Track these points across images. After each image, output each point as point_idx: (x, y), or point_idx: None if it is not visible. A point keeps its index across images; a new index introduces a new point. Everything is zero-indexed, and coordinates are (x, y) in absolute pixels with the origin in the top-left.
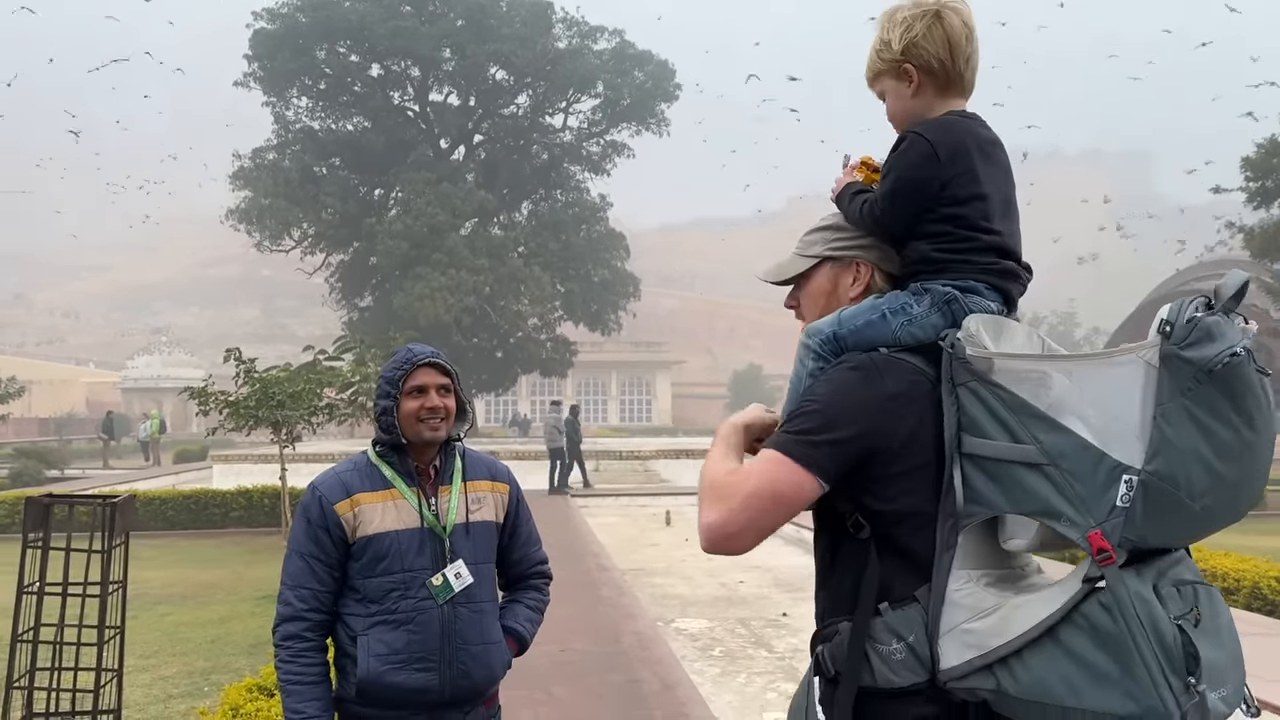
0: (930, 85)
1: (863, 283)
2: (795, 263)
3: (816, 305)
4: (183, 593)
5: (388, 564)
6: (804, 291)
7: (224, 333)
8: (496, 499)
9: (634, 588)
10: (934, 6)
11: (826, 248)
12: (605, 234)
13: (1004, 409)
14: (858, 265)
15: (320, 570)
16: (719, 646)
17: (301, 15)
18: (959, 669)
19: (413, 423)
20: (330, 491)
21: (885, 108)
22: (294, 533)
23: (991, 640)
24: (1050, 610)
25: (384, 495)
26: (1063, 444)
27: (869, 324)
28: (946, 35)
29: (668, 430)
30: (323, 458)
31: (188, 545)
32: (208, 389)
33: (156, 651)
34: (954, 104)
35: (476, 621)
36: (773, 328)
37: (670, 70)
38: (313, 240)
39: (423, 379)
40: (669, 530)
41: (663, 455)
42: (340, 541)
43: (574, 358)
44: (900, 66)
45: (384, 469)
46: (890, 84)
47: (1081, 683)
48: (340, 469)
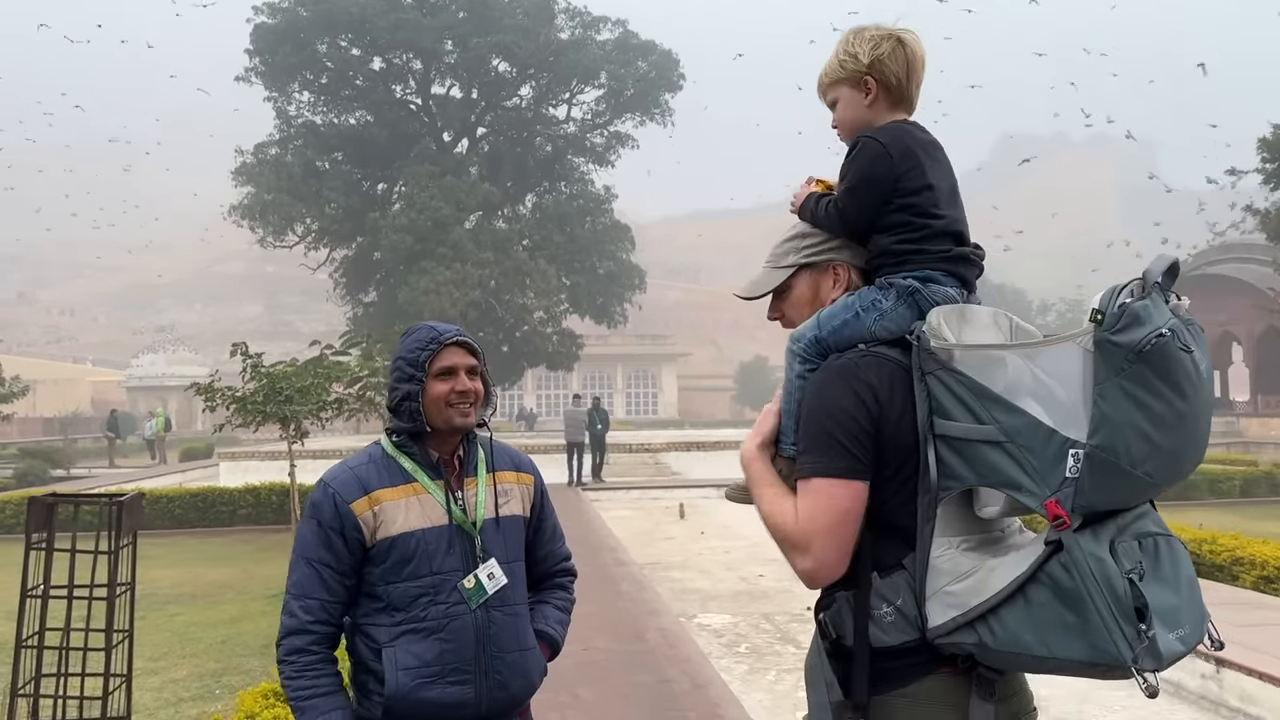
0: (884, 99)
1: (843, 284)
2: (771, 275)
3: (802, 313)
4: (192, 592)
5: (414, 567)
6: (787, 302)
7: (228, 330)
8: (523, 491)
9: (653, 582)
10: (895, 32)
11: (800, 256)
12: (610, 226)
13: (967, 393)
14: (834, 268)
15: (331, 579)
16: (745, 643)
17: (302, 9)
18: (944, 626)
19: (441, 408)
20: (345, 489)
21: (835, 114)
22: (301, 535)
23: (971, 600)
24: (1018, 571)
25: (406, 490)
26: (1018, 423)
27: (846, 323)
28: (907, 59)
29: (674, 423)
30: (330, 454)
31: (196, 544)
32: (214, 385)
33: (166, 653)
34: (900, 117)
35: (511, 626)
36: None
37: (674, 60)
38: (316, 235)
39: (452, 359)
40: (683, 523)
41: (673, 448)
42: (357, 545)
43: (580, 351)
44: (862, 78)
45: (403, 461)
46: (847, 92)
47: (1049, 634)
48: (354, 463)
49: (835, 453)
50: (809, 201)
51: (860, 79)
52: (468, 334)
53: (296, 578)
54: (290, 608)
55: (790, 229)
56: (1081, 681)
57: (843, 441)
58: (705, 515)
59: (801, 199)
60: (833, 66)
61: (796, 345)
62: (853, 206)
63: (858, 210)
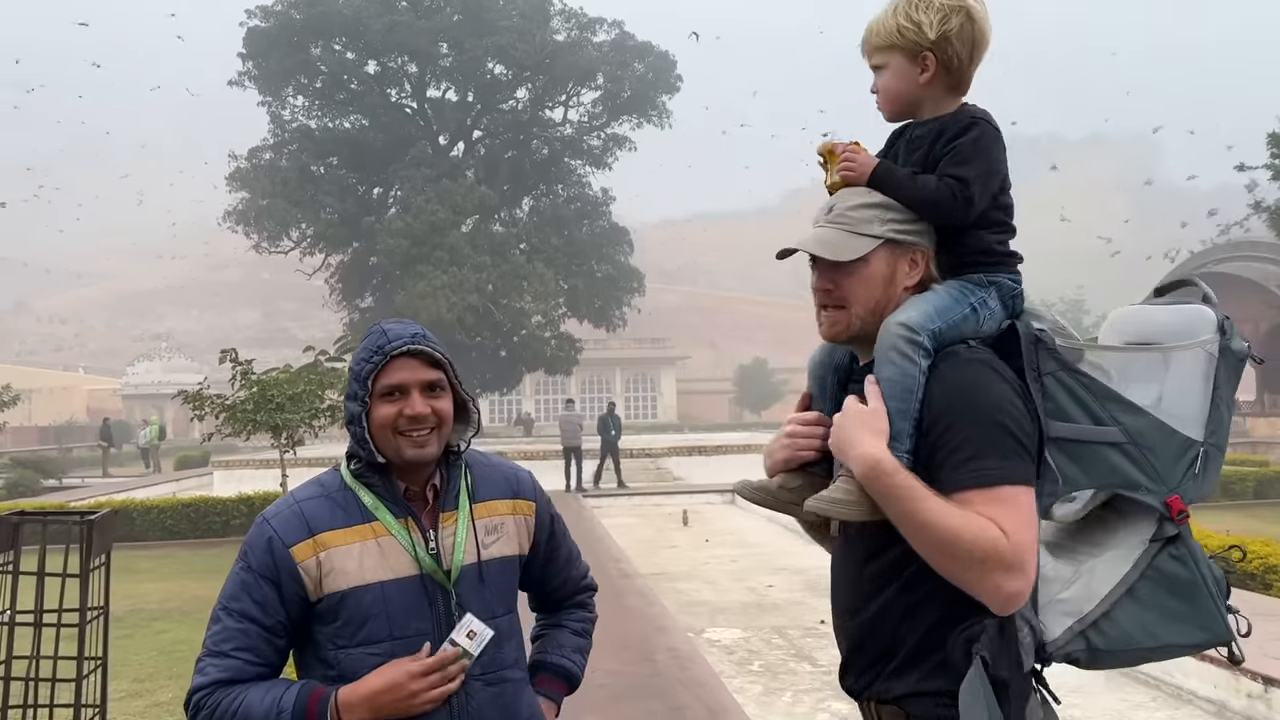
0: (941, 80)
1: (920, 272)
2: (850, 240)
3: (871, 293)
4: (181, 607)
5: (371, 629)
6: (856, 276)
7: (224, 337)
8: (520, 524)
9: (659, 594)
10: (965, 4)
11: (886, 228)
12: (608, 228)
13: (1087, 394)
14: (915, 253)
15: (257, 638)
16: (757, 660)
17: (295, 12)
18: (1063, 638)
19: (388, 436)
20: (285, 528)
21: (878, 80)
22: (228, 580)
23: (1084, 605)
24: (1123, 570)
25: (363, 532)
26: (1141, 424)
27: (964, 318)
28: (974, 38)
29: (673, 426)
30: (326, 461)
31: (187, 555)
32: (202, 393)
33: (151, 674)
34: (956, 100)
35: (498, 700)
36: (776, 321)
37: (671, 61)
38: (312, 241)
39: (399, 375)
40: (687, 531)
41: (675, 452)
42: (297, 599)
43: (579, 355)
44: (922, 52)
45: (362, 494)
46: (899, 62)
47: (1157, 626)
48: (303, 494)
49: (1020, 456)
50: (893, 171)
51: (919, 53)
52: (428, 339)
53: (215, 630)
54: (203, 665)
55: (857, 194)
56: (1120, 703)
57: (1024, 444)
58: (709, 522)
59: (867, 165)
60: (887, 29)
61: (919, 336)
62: (981, 194)
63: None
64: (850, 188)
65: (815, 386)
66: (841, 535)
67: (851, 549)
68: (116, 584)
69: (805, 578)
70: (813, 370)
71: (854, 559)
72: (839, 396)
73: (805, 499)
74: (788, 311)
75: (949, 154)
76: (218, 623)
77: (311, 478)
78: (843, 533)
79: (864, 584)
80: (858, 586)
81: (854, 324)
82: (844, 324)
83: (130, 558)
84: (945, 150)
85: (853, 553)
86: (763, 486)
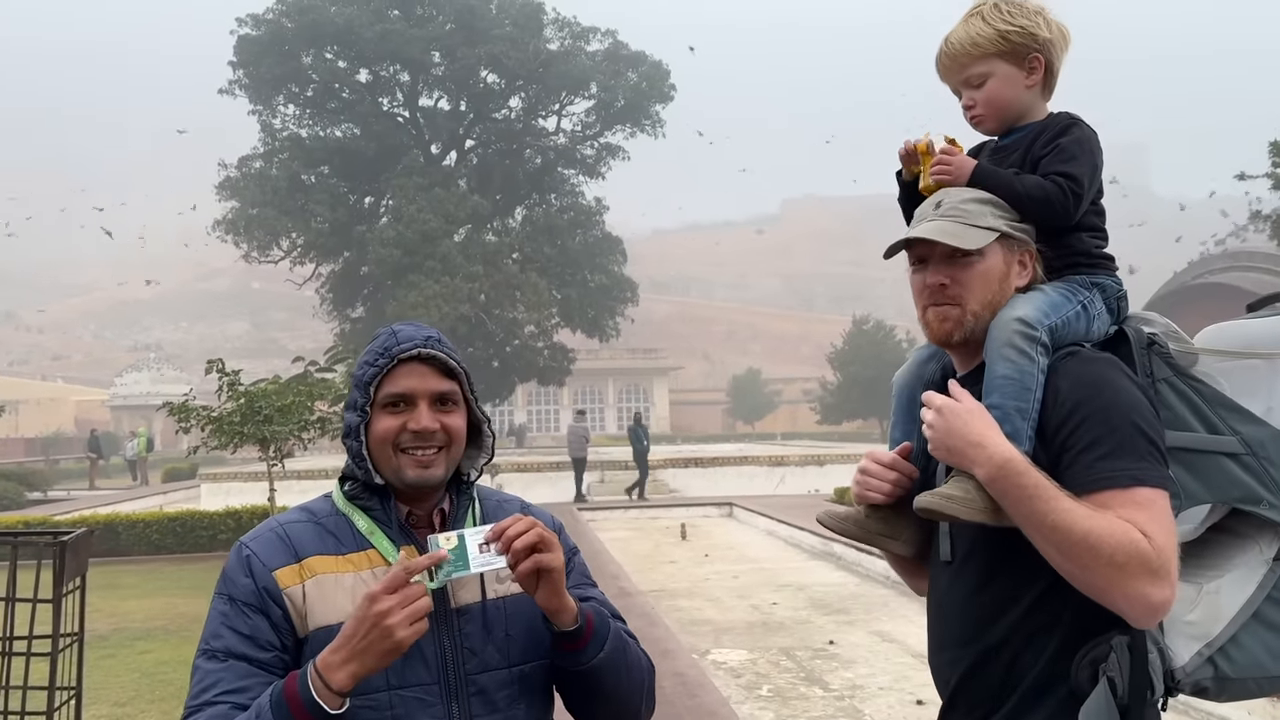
0: (1043, 85)
1: (1029, 274)
2: (969, 232)
3: (988, 288)
4: (165, 626)
5: (366, 678)
6: (972, 271)
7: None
8: None
9: (660, 613)
10: (1040, 5)
11: (1003, 223)
12: (601, 238)
13: (1203, 402)
14: (1026, 253)
15: (248, 676)
16: (766, 684)
17: (287, 20)
18: (1192, 663)
19: (389, 454)
20: (266, 551)
21: (977, 93)
22: (208, 620)
23: (1212, 628)
24: (1250, 592)
25: (356, 561)
26: (1261, 434)
27: (1076, 316)
28: (1065, 43)
29: (666, 437)
30: (316, 474)
31: (173, 571)
32: (188, 404)
33: (134, 698)
34: (1046, 105)
35: None
36: (770, 332)
37: (665, 71)
38: (302, 250)
39: (407, 382)
40: (686, 545)
41: (671, 464)
42: (286, 629)
43: (571, 365)
44: (1030, 54)
45: (356, 519)
46: (1006, 69)
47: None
48: (286, 518)
49: (1156, 460)
50: (995, 170)
51: (1027, 55)
52: (442, 344)
53: (195, 680)
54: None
55: (965, 190)
56: None
57: (1159, 448)
58: (707, 536)
59: (965, 166)
60: (987, 36)
61: (1037, 331)
62: (1088, 192)
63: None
64: (954, 188)
65: (902, 406)
66: (942, 562)
67: (960, 575)
68: (99, 601)
69: (809, 595)
70: (900, 389)
71: (963, 586)
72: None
73: (897, 530)
74: (781, 322)
75: (1052, 152)
76: (199, 669)
77: (299, 504)
78: (944, 559)
79: (977, 611)
80: (968, 615)
81: (967, 322)
82: (956, 322)
83: (114, 573)
84: (1047, 149)
85: (962, 579)
86: (849, 517)
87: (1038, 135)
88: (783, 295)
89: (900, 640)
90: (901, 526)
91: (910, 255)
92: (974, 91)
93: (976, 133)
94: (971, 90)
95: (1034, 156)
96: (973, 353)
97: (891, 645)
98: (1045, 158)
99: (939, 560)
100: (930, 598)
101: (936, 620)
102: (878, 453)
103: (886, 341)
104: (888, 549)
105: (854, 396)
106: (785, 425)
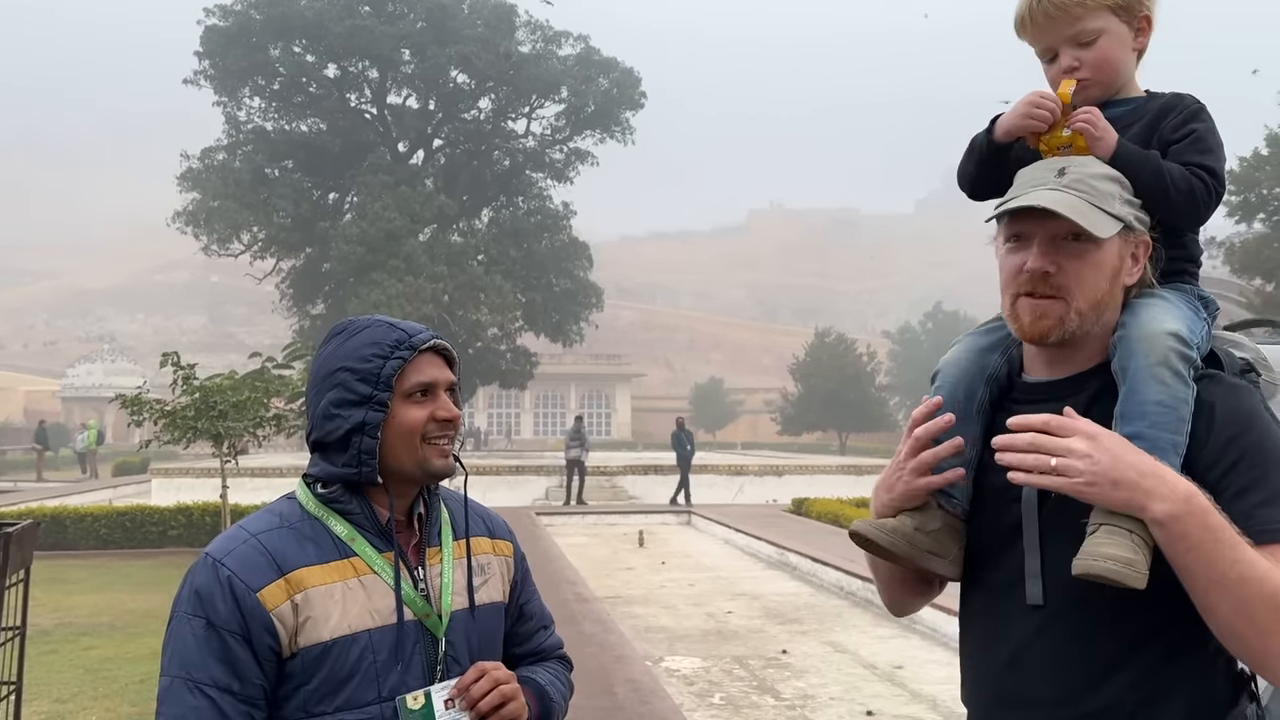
0: (1144, 49)
1: (1139, 271)
2: (1101, 218)
3: (1097, 285)
4: (111, 622)
5: (357, 690)
6: (1087, 259)
7: (170, 340)
8: (502, 566)
9: (615, 620)
10: None
11: (1130, 212)
12: (568, 243)
13: None
14: (1138, 247)
15: (234, 712)
16: (718, 692)
17: (255, 12)
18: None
19: (414, 446)
20: (247, 568)
21: (1085, 52)
22: (178, 643)
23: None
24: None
25: (341, 569)
26: None
27: (1205, 338)
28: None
29: (627, 444)
30: (269, 471)
31: (122, 566)
32: (141, 397)
33: (76, 694)
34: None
35: None
36: (732, 341)
37: (636, 78)
38: (263, 244)
39: (430, 372)
40: (643, 552)
41: (630, 471)
42: (270, 659)
43: (534, 369)
44: (1141, 14)
45: (334, 524)
46: (1117, 26)
47: None
48: (256, 526)
49: None
50: (1139, 150)
51: (1139, 15)
52: (443, 336)
53: (172, 713)
54: None
55: (1093, 162)
56: None
57: None
58: (665, 543)
59: (1111, 134)
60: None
61: (1192, 353)
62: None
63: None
64: (1081, 155)
65: (958, 397)
66: (1028, 606)
67: (1055, 623)
68: (44, 595)
69: (764, 604)
70: (956, 376)
71: (1059, 636)
72: (991, 418)
73: (946, 548)
74: (744, 332)
75: (1188, 139)
76: (178, 702)
77: (262, 509)
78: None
79: (1082, 668)
80: (1068, 672)
81: (1070, 320)
82: (1057, 318)
83: (60, 568)
84: (1181, 135)
85: (1057, 628)
86: (897, 530)
87: (1161, 115)
88: (747, 305)
89: (852, 651)
90: (949, 543)
91: (1005, 228)
92: (1081, 51)
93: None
94: (1078, 49)
95: (1163, 140)
96: (1066, 358)
97: (844, 656)
98: (1179, 144)
99: (1018, 603)
100: (992, 646)
101: (1010, 672)
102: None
103: (847, 355)
104: (933, 570)
105: (814, 408)
106: (746, 435)
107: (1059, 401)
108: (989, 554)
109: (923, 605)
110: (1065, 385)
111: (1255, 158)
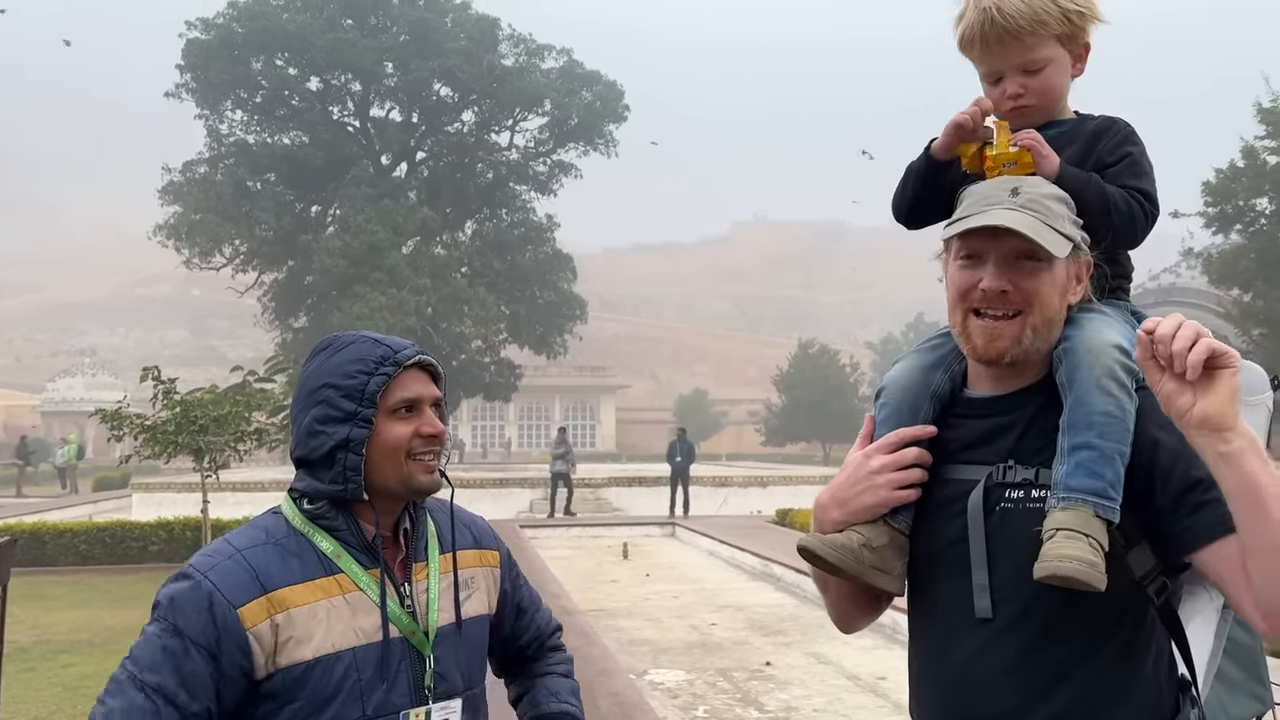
0: (1080, 74)
1: (1083, 289)
2: (1055, 238)
3: (1048, 303)
4: (90, 639)
5: (341, 710)
6: (1041, 277)
7: (151, 354)
8: (488, 577)
9: (599, 633)
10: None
11: (1075, 231)
12: (552, 255)
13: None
14: (1082, 265)
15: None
16: (702, 705)
17: (237, 25)
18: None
19: (400, 461)
20: (227, 582)
21: (1029, 80)
22: (143, 644)
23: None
24: (1210, 642)
25: (326, 586)
26: None
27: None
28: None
29: (612, 456)
30: (251, 486)
31: (102, 582)
32: (121, 411)
33: (54, 712)
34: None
35: None
36: (716, 352)
37: (619, 91)
38: (245, 258)
39: (415, 388)
40: (627, 564)
41: (614, 483)
42: (237, 677)
43: (518, 382)
44: (1083, 41)
45: (319, 540)
46: (1061, 55)
47: (1225, 697)
48: (241, 541)
49: None
50: (1079, 172)
51: (1081, 40)
52: (428, 351)
53: (117, 707)
54: None
55: (1042, 183)
56: None
57: None
58: (649, 555)
59: (1054, 156)
60: (1054, 15)
61: (1132, 362)
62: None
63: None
64: (1029, 176)
65: (904, 414)
66: (977, 620)
67: (1005, 636)
68: (22, 612)
69: (748, 616)
70: (901, 394)
71: (1008, 649)
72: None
73: (890, 563)
74: (728, 344)
75: (1124, 163)
76: (121, 695)
77: (247, 523)
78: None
79: (1030, 680)
80: (1017, 684)
81: (1025, 338)
82: (1012, 338)
83: (39, 584)
84: (1118, 159)
85: (1006, 641)
86: (845, 545)
87: (1095, 138)
88: (731, 317)
89: (836, 663)
90: (893, 559)
91: (959, 246)
92: (1028, 79)
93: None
94: (1025, 77)
95: (1100, 162)
96: (1012, 374)
97: (827, 667)
98: (1115, 167)
99: (966, 618)
100: (940, 660)
101: (956, 686)
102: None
103: (831, 365)
104: (878, 585)
105: (798, 419)
106: (730, 446)
107: (1003, 416)
108: (934, 568)
109: (870, 622)
110: (1009, 400)
111: (1231, 169)
